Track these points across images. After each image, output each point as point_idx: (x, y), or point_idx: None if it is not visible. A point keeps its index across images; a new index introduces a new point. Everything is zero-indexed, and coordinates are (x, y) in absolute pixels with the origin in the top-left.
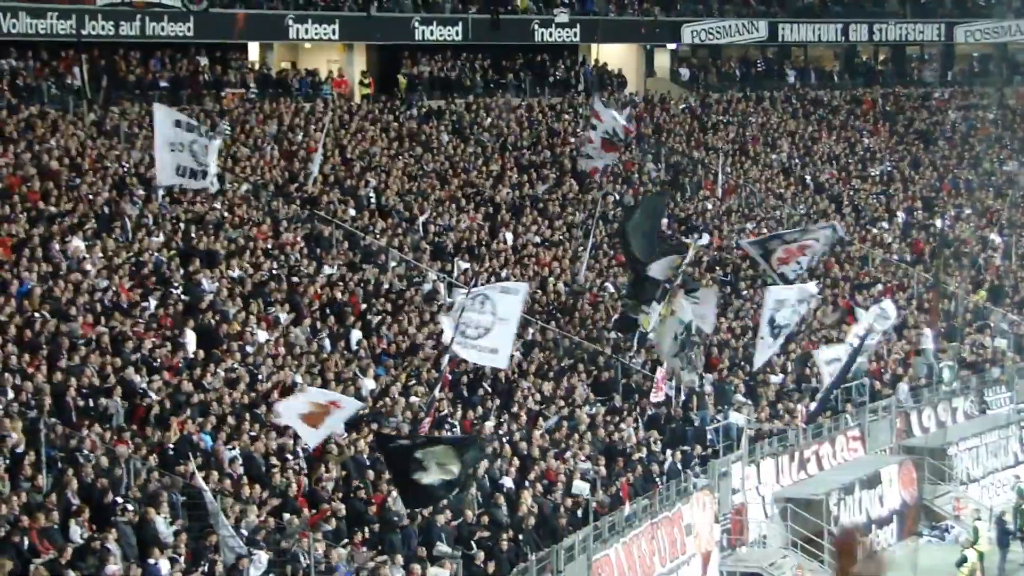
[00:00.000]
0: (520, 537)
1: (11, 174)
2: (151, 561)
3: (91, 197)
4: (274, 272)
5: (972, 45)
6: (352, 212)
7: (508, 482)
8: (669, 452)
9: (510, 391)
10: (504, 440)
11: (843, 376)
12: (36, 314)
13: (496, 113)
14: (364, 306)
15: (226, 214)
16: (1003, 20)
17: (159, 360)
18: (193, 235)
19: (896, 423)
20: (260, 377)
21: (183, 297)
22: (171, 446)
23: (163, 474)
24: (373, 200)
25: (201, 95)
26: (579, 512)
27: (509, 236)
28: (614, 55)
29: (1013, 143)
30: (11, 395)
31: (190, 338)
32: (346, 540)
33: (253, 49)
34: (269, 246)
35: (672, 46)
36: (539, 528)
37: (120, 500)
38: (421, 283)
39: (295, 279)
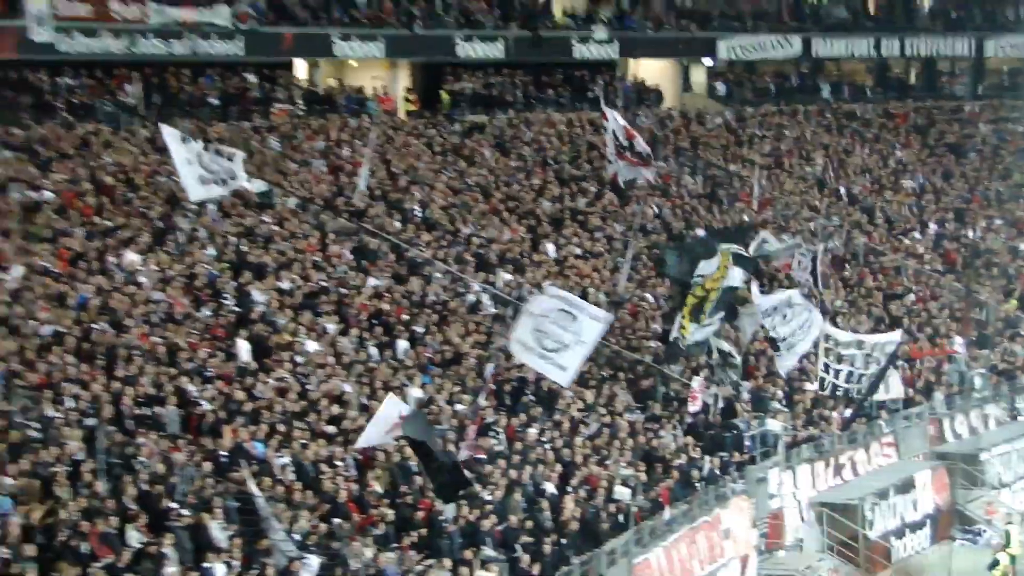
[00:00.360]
0: (563, 541)
1: (68, 189)
2: (206, 565)
3: (145, 211)
4: (322, 284)
5: (1002, 59)
6: (398, 225)
7: (551, 488)
8: (708, 458)
9: (553, 399)
10: (547, 447)
11: (876, 385)
12: (93, 325)
13: (536, 128)
14: (410, 316)
15: (276, 227)
16: None
17: (212, 370)
18: (244, 248)
19: (929, 430)
20: (310, 386)
21: (235, 308)
22: (224, 453)
23: (217, 481)
24: (418, 213)
25: (250, 112)
26: (620, 517)
27: (551, 248)
28: (651, 71)
29: None
30: (70, 404)
31: (242, 348)
32: (395, 544)
33: (300, 67)
34: (318, 258)
35: (708, 62)
36: (582, 532)
37: (176, 506)
38: (465, 294)
39: (343, 290)
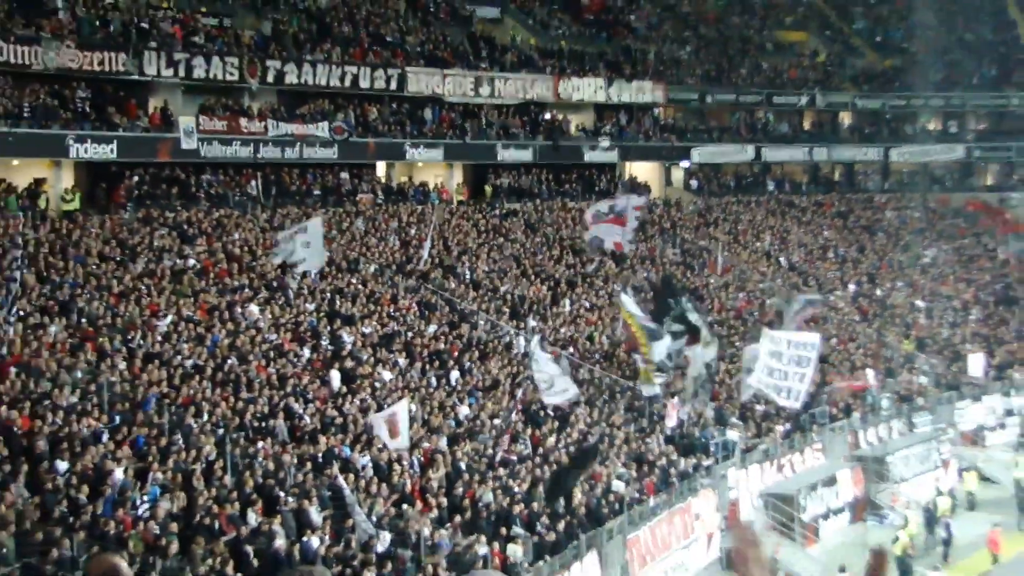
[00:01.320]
0: (574, 522)
1: (206, 258)
2: (305, 539)
3: (263, 275)
4: (395, 329)
5: (903, 163)
6: (452, 285)
7: None
8: (683, 460)
9: (566, 415)
10: (562, 451)
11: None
12: (225, 359)
13: (556, 213)
14: (460, 353)
15: (360, 287)
16: (926, 145)
17: (312, 393)
18: (337, 302)
19: (849, 439)
20: (385, 406)
21: (329, 347)
22: (320, 455)
23: (314, 476)
24: (467, 276)
25: (343, 200)
26: (617, 504)
27: (567, 302)
28: (642, 170)
29: (932, 235)
30: (206, 417)
31: (334, 377)
32: (447, 523)
33: (380, 167)
34: (391, 310)
35: (684, 164)
36: (588, 516)
37: (283, 495)
38: (502, 336)
39: (410, 334)
